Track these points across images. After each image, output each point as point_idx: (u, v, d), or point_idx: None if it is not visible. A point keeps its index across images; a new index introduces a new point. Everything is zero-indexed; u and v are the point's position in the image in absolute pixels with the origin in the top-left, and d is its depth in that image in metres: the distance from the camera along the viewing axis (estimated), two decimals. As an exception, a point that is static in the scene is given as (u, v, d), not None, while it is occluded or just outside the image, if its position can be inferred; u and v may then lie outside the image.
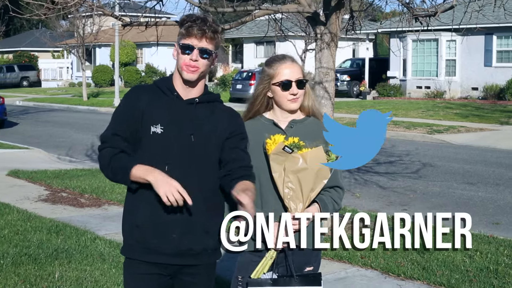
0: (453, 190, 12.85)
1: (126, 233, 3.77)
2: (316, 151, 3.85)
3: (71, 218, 9.72)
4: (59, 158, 17.48)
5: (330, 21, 8.78)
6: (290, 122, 4.06)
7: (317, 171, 3.83)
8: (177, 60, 3.74)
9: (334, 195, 4.02)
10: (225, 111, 3.83)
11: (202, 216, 3.69)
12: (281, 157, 3.83)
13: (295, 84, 3.99)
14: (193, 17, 3.71)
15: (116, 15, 8.90)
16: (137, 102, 3.72)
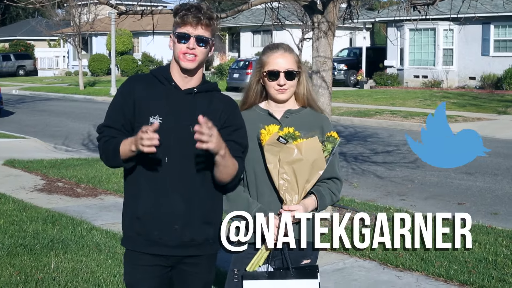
0: (451, 180, 12.80)
1: (126, 225, 3.74)
2: (311, 141, 3.77)
3: (67, 208, 9.66)
4: (55, 147, 17.41)
5: (327, 10, 8.71)
6: (286, 112, 3.98)
7: (313, 162, 3.75)
8: (173, 50, 3.68)
9: (332, 186, 3.95)
10: (223, 101, 3.77)
11: (203, 207, 3.69)
12: (275, 147, 3.75)
13: (283, 74, 3.89)
14: (187, 5, 3.65)
15: (112, 4, 8.81)
16: (131, 93, 3.68)
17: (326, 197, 3.90)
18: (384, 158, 15.48)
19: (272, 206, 3.81)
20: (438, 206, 10.73)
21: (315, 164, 3.77)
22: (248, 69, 36.01)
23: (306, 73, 4.03)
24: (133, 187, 3.69)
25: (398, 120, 23.05)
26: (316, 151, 3.77)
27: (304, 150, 3.74)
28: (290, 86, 3.92)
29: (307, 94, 4.01)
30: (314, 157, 3.76)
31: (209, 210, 3.72)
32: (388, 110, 25.46)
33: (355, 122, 23.20)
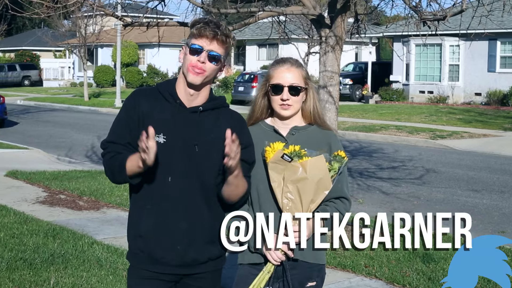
0: (458, 197, 12.66)
1: (130, 241, 3.70)
2: (316, 160, 3.64)
3: (69, 221, 9.53)
4: (58, 158, 17.31)
5: (335, 24, 8.61)
6: (292, 129, 3.85)
7: (318, 181, 3.63)
8: (183, 62, 3.59)
9: (340, 206, 3.82)
10: (230, 118, 3.67)
11: (207, 226, 3.62)
12: (280, 165, 3.64)
13: (287, 89, 3.77)
14: (206, 19, 3.60)
15: (117, 15, 8.73)
16: (136, 108, 3.60)
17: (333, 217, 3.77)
18: (389, 174, 15.34)
19: (276, 225, 3.70)
20: (444, 223, 10.55)
21: (320, 183, 3.64)
22: (253, 82, 35.96)
23: (314, 90, 3.90)
24: (137, 204, 3.64)
25: (404, 135, 22.91)
26: (322, 170, 3.65)
27: (309, 169, 3.61)
28: (294, 102, 3.79)
29: (313, 112, 3.87)
30: (319, 176, 3.63)
31: (212, 230, 3.64)
32: (393, 125, 25.34)
33: (360, 137, 23.07)
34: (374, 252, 8.09)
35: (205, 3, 9.15)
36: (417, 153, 19.11)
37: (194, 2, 8.73)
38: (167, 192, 3.54)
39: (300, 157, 3.63)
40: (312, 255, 3.74)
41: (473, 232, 9.97)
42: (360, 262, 7.63)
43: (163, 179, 3.53)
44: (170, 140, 3.52)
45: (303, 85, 3.81)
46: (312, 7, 8.73)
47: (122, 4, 9.78)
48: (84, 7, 9.64)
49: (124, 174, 3.48)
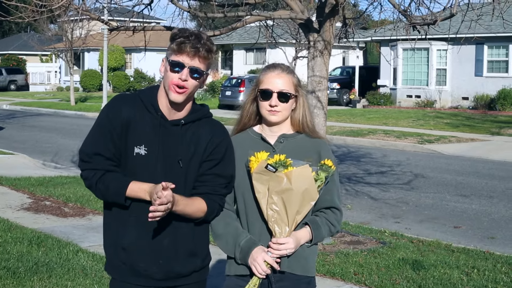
0: (446, 202, 12.59)
1: (110, 254, 3.57)
2: (301, 170, 3.51)
3: (54, 228, 9.38)
4: (44, 164, 17.13)
5: (323, 28, 8.52)
6: (280, 137, 3.72)
7: (303, 192, 3.49)
8: (164, 77, 3.44)
9: (330, 216, 3.68)
10: (211, 130, 3.55)
11: (189, 240, 3.54)
12: (264, 176, 3.50)
13: (276, 95, 3.63)
14: (186, 32, 3.39)
15: (103, 19, 8.61)
16: (119, 115, 3.45)
17: (323, 228, 3.64)
18: (378, 179, 15.27)
19: (263, 236, 3.60)
20: (433, 229, 10.50)
21: (306, 194, 3.51)
22: (240, 86, 35.88)
23: (305, 98, 3.78)
24: (118, 216, 3.50)
25: (392, 140, 22.88)
26: (307, 180, 3.51)
27: (294, 179, 3.48)
28: (283, 108, 3.66)
29: (302, 120, 3.74)
30: (304, 187, 3.49)
31: (194, 242, 3.56)
32: (381, 129, 25.30)
33: (348, 142, 23.01)
34: (363, 259, 8.00)
35: (192, 7, 9.04)
36: (405, 158, 19.06)
37: (180, 7, 8.61)
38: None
39: (285, 167, 3.50)
40: (300, 267, 3.62)
41: (463, 238, 9.93)
42: (350, 270, 7.53)
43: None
44: (151, 152, 3.42)
45: (293, 92, 3.69)
46: (300, 11, 8.64)
47: (108, 8, 9.64)
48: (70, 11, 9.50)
49: (122, 199, 3.38)
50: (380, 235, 9.44)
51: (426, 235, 9.82)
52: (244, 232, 3.61)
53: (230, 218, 3.65)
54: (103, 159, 3.41)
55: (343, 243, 8.91)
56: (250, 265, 3.54)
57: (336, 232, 3.77)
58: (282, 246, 3.49)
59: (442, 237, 9.73)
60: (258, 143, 3.70)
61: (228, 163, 3.57)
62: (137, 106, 3.48)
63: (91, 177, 3.41)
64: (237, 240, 3.57)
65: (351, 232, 9.46)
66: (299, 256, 3.58)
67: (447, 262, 7.94)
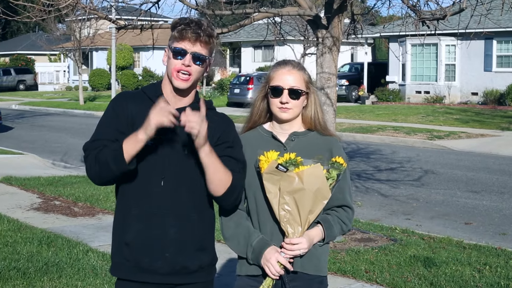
0: (457, 198, 12.52)
1: (114, 252, 3.52)
2: (313, 169, 3.45)
3: (64, 228, 9.36)
4: (53, 164, 17.15)
5: (332, 25, 8.47)
6: (291, 134, 3.66)
7: (315, 191, 3.44)
8: (167, 66, 3.44)
9: (342, 215, 3.64)
10: (216, 118, 3.52)
11: (197, 232, 3.47)
12: (275, 176, 3.44)
13: (287, 92, 3.57)
14: (186, 20, 3.41)
15: (111, 18, 8.58)
16: (125, 110, 3.44)
17: (335, 227, 3.60)
18: (388, 175, 15.21)
19: (275, 236, 3.55)
20: (444, 226, 10.44)
21: (318, 193, 3.45)
22: (249, 84, 35.82)
23: (316, 95, 3.72)
24: (123, 211, 3.47)
25: (401, 136, 22.79)
26: (319, 179, 3.46)
27: (306, 179, 3.43)
28: (294, 106, 3.60)
29: (314, 118, 3.68)
30: (317, 186, 3.44)
31: (203, 236, 3.50)
32: (390, 126, 25.21)
33: (358, 138, 22.94)
34: (374, 256, 7.95)
35: (200, 4, 9.01)
36: (415, 154, 18.98)
37: (188, 4, 8.58)
38: (157, 196, 3.40)
39: (296, 166, 3.45)
40: (313, 266, 3.58)
41: (474, 235, 9.85)
42: (361, 267, 7.48)
43: (155, 183, 3.39)
44: (158, 142, 3.37)
45: (304, 89, 3.63)
46: (308, 7, 8.59)
47: (115, 7, 9.62)
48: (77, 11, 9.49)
49: (122, 157, 3.25)
50: (391, 232, 9.39)
51: (437, 232, 9.76)
52: (255, 232, 3.56)
53: (241, 217, 3.60)
54: (104, 142, 3.36)
55: (353, 240, 8.86)
56: (263, 266, 3.49)
57: (348, 231, 3.73)
58: (295, 247, 3.45)
59: (453, 234, 9.67)
60: (269, 141, 3.65)
61: (239, 149, 3.52)
62: (142, 100, 3.47)
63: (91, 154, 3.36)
64: (249, 240, 3.53)
65: (361, 230, 9.41)
66: (311, 255, 3.54)
67: (458, 259, 7.88)
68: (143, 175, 3.39)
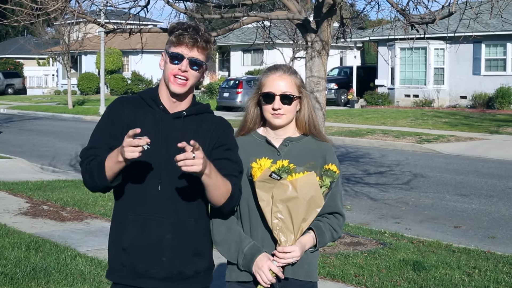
0: (446, 202, 12.53)
1: (111, 256, 3.50)
2: (307, 177, 3.42)
3: (52, 233, 9.31)
4: (42, 168, 17.07)
5: (321, 29, 8.46)
6: (285, 140, 3.63)
7: (309, 200, 3.41)
8: (164, 70, 3.43)
9: (333, 222, 3.62)
10: (213, 122, 3.50)
11: (194, 237, 3.45)
12: (268, 184, 3.40)
13: (279, 98, 3.54)
14: (184, 24, 3.40)
15: (99, 22, 8.55)
16: (121, 115, 3.44)
17: (326, 234, 3.58)
18: (377, 179, 15.21)
19: (266, 242, 3.52)
20: (433, 229, 10.44)
21: (312, 201, 3.43)
22: (238, 88, 35.83)
23: (309, 98, 3.70)
24: (120, 215, 3.45)
25: (390, 140, 22.83)
26: (313, 188, 3.43)
27: (299, 187, 3.39)
28: (286, 111, 3.56)
29: (309, 122, 3.64)
30: (310, 194, 3.41)
31: (200, 241, 3.47)
32: (379, 129, 25.25)
33: (347, 142, 22.95)
34: (364, 260, 7.94)
35: (189, 8, 8.98)
36: (404, 158, 19.01)
37: (177, 8, 8.56)
38: (153, 201, 3.38)
39: (289, 173, 3.42)
40: (304, 272, 3.56)
41: (463, 238, 9.86)
42: (350, 272, 7.47)
43: (152, 188, 3.37)
44: (155, 147, 3.34)
45: (297, 94, 3.60)
46: (298, 11, 8.58)
47: (104, 10, 9.59)
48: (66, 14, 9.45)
49: (103, 174, 3.24)
50: (380, 236, 9.38)
51: (426, 235, 9.76)
52: (247, 238, 3.53)
53: (232, 222, 3.57)
54: (99, 151, 3.35)
55: (343, 244, 8.85)
56: (254, 273, 3.46)
57: (338, 238, 3.71)
58: (288, 255, 3.42)
59: (443, 237, 9.68)
60: (263, 146, 3.63)
61: (236, 151, 3.50)
62: (139, 104, 3.47)
63: (84, 166, 3.37)
64: (240, 246, 3.50)
65: (351, 233, 9.40)
66: (303, 261, 3.52)
67: (448, 262, 7.88)
68: (140, 179, 3.38)
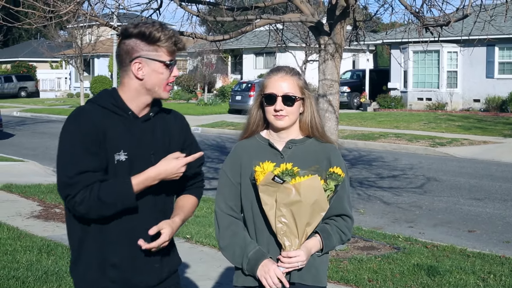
0: (460, 206, 12.44)
1: (92, 278, 3.27)
2: (311, 180, 3.35)
3: (63, 236, 9.21)
4: (54, 171, 17.02)
5: (334, 31, 8.41)
6: (288, 142, 3.58)
7: (313, 204, 3.34)
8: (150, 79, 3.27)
9: (341, 224, 3.55)
10: (176, 119, 3.48)
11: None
12: (271, 187, 3.34)
13: (281, 99, 3.49)
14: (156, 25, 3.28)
15: (111, 25, 8.53)
16: (92, 127, 3.18)
17: (333, 237, 3.52)
18: (390, 183, 15.13)
19: (271, 246, 3.47)
20: (447, 233, 10.36)
21: (316, 205, 3.36)
22: (250, 91, 35.79)
23: (312, 99, 3.63)
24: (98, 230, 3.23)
25: (403, 143, 22.72)
26: (317, 191, 3.36)
27: (303, 191, 3.33)
28: (289, 112, 3.51)
29: (312, 123, 3.59)
30: (314, 198, 3.35)
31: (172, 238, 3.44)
32: (392, 133, 25.14)
33: (360, 145, 22.86)
34: (377, 265, 7.87)
35: (201, 11, 8.95)
36: (417, 161, 18.91)
37: (190, 11, 8.52)
38: (135, 210, 3.25)
39: (293, 176, 3.35)
40: (311, 277, 3.50)
41: (478, 243, 9.75)
42: (364, 276, 7.40)
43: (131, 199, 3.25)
44: (131, 156, 3.23)
45: (299, 95, 3.55)
46: (311, 14, 8.53)
47: (116, 13, 9.58)
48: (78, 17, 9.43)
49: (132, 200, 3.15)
50: (394, 240, 9.31)
51: (440, 240, 9.68)
52: (252, 243, 3.48)
53: (237, 227, 3.53)
54: (91, 173, 3.11)
55: (356, 248, 8.78)
56: (259, 278, 3.42)
57: (347, 240, 3.65)
58: (293, 259, 3.36)
59: (457, 242, 9.59)
60: (266, 149, 3.58)
61: (196, 141, 3.57)
62: (103, 113, 3.25)
63: (88, 195, 3.08)
64: (245, 251, 3.45)
65: (364, 238, 9.33)
66: (310, 266, 3.46)
67: (462, 267, 7.80)
68: None
